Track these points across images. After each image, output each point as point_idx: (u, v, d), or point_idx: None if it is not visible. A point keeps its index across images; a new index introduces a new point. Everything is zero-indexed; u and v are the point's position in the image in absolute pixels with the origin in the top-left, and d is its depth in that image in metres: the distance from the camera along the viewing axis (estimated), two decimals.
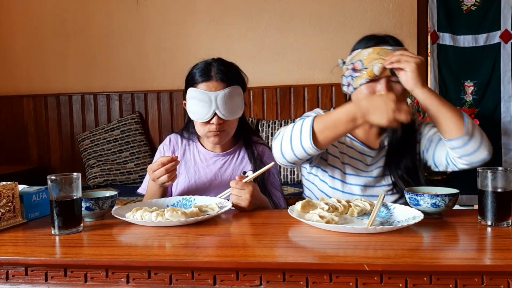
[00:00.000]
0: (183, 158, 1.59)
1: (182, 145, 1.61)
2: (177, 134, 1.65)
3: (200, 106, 1.44)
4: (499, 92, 3.05)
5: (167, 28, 3.46)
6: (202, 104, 1.44)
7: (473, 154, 1.24)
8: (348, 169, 1.45)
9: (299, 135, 1.22)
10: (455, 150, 1.26)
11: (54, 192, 1.12)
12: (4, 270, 0.99)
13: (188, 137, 1.62)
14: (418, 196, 1.18)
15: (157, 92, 3.46)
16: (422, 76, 1.23)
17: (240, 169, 1.57)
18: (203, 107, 1.44)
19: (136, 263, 0.93)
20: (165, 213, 1.18)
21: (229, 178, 1.53)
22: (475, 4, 3.05)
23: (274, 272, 0.90)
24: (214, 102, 1.43)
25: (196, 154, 1.59)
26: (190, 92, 1.48)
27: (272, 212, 1.36)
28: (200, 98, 1.44)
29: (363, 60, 1.34)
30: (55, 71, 3.61)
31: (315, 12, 3.28)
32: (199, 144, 1.60)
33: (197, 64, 1.51)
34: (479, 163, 1.26)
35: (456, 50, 3.09)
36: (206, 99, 1.43)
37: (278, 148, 1.28)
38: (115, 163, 3.25)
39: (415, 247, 0.97)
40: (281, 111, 3.36)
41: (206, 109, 1.43)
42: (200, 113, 1.45)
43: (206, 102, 1.43)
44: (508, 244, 0.98)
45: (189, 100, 1.48)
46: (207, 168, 1.57)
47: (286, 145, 1.26)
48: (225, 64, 1.50)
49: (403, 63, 1.23)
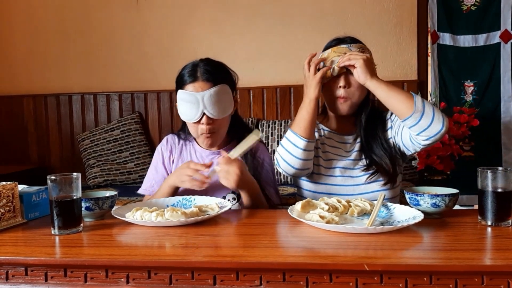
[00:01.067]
0: (180, 158, 1.62)
1: (179, 145, 1.64)
2: (174, 135, 1.68)
3: (188, 108, 1.47)
4: (499, 92, 3.05)
5: (167, 28, 3.45)
6: (190, 105, 1.46)
7: (428, 129, 1.35)
8: (330, 155, 1.56)
9: (288, 141, 1.45)
10: (412, 128, 1.38)
11: (54, 192, 1.12)
12: (4, 270, 0.99)
13: (185, 138, 1.65)
14: (418, 196, 1.18)
15: (157, 92, 3.46)
16: (370, 69, 1.40)
17: None
18: (191, 108, 1.46)
19: (136, 263, 0.93)
20: (165, 213, 1.18)
21: None
22: (475, 4, 3.05)
23: (274, 272, 0.90)
24: (201, 102, 1.45)
25: (192, 153, 1.62)
26: (179, 94, 1.51)
27: (272, 212, 1.36)
28: (188, 99, 1.47)
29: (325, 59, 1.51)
30: (55, 71, 3.60)
31: (315, 12, 3.28)
32: (195, 144, 1.63)
33: (186, 66, 1.54)
34: (438, 136, 1.37)
35: (456, 50, 3.09)
36: (193, 100, 1.46)
37: (281, 160, 1.47)
38: (115, 163, 3.25)
39: (415, 247, 0.97)
40: (281, 111, 3.36)
41: (195, 110, 1.46)
42: (189, 114, 1.48)
43: (194, 103, 1.46)
44: (508, 244, 0.98)
45: (179, 102, 1.51)
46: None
47: (284, 154, 1.46)
48: (212, 64, 1.53)
49: (352, 61, 1.41)
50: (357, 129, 1.58)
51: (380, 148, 1.52)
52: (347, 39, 1.52)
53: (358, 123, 1.57)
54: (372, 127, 1.55)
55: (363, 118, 1.55)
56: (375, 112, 1.58)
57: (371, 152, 1.52)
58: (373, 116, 1.57)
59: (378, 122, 1.57)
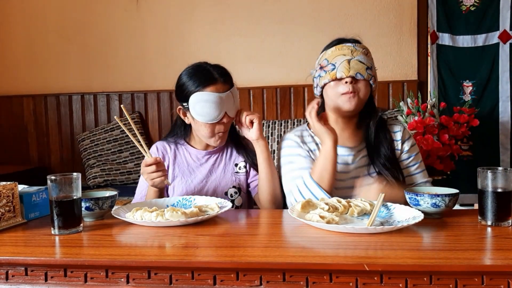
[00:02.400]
0: (175, 162, 1.62)
1: (171, 150, 1.65)
2: (163, 141, 1.68)
3: (209, 107, 1.48)
4: (497, 92, 3.08)
5: (167, 28, 3.46)
6: (212, 105, 1.48)
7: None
8: None
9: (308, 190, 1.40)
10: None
11: (54, 192, 1.12)
12: (4, 270, 0.99)
13: (175, 142, 1.65)
14: (418, 196, 1.18)
15: (157, 92, 3.46)
16: None
17: (231, 163, 1.64)
18: (214, 109, 1.48)
19: (136, 263, 0.93)
20: (165, 213, 1.18)
21: (222, 173, 1.61)
22: (474, 4, 3.06)
23: (274, 272, 0.90)
24: (224, 103, 1.49)
25: (187, 155, 1.63)
26: (196, 96, 1.49)
27: (272, 212, 1.37)
28: (209, 100, 1.48)
29: (328, 57, 1.49)
30: (55, 71, 3.61)
31: (315, 12, 3.28)
32: (188, 146, 1.65)
33: (190, 71, 1.55)
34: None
35: (455, 50, 3.11)
36: (217, 100, 1.48)
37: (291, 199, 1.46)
38: (115, 163, 3.25)
39: (415, 247, 0.97)
40: (281, 111, 3.36)
41: (218, 110, 1.49)
42: (212, 114, 1.49)
43: (217, 103, 1.48)
44: (508, 244, 0.98)
45: (197, 104, 1.49)
46: (200, 166, 1.61)
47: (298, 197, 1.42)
48: (220, 67, 1.56)
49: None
50: (359, 141, 1.54)
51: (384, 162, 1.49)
52: (350, 39, 1.51)
53: (365, 133, 1.54)
54: (377, 133, 1.53)
55: (372, 127, 1.52)
56: (382, 123, 1.56)
57: (379, 157, 1.50)
58: (380, 126, 1.54)
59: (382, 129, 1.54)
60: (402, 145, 1.55)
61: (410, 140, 1.58)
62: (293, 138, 1.56)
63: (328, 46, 1.53)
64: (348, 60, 1.44)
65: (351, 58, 1.45)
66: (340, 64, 1.44)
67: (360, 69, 1.44)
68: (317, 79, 1.53)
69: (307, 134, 1.58)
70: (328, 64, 1.47)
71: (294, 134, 1.57)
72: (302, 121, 3.16)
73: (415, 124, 2.60)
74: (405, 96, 3.13)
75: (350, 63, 1.44)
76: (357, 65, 1.44)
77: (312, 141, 1.56)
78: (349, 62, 1.44)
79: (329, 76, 1.46)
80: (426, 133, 2.59)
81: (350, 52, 1.46)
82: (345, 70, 1.43)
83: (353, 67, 1.44)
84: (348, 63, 1.44)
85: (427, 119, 2.59)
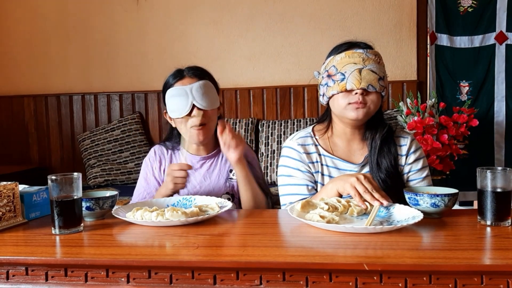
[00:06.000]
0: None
1: (168, 154, 1.65)
2: (161, 145, 1.68)
3: (178, 101, 1.50)
4: (493, 92, 3.13)
5: (167, 28, 3.46)
6: (179, 99, 1.50)
7: None
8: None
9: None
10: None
11: (54, 192, 1.12)
12: (4, 270, 0.99)
13: (172, 147, 1.66)
14: (417, 196, 1.19)
15: (157, 92, 3.46)
16: None
17: (226, 168, 1.62)
18: (181, 101, 1.50)
19: (137, 262, 0.93)
20: (165, 213, 1.18)
21: (217, 178, 1.60)
22: (472, 5, 3.08)
23: (274, 272, 0.90)
24: (190, 94, 1.50)
25: (182, 160, 1.61)
26: (167, 94, 1.54)
27: (272, 212, 1.37)
28: (177, 94, 1.51)
29: (336, 65, 1.39)
30: (56, 71, 3.61)
31: (315, 12, 3.28)
32: (184, 151, 1.64)
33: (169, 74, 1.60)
34: None
35: (452, 51, 3.15)
36: (182, 93, 1.50)
37: None
38: (115, 163, 3.25)
39: (414, 247, 0.97)
40: (281, 111, 3.36)
41: (184, 102, 1.49)
42: (180, 108, 1.50)
43: (183, 95, 1.50)
44: (508, 244, 0.98)
45: (168, 101, 1.54)
46: (195, 172, 1.60)
47: None
48: (194, 66, 1.59)
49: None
50: (364, 155, 1.47)
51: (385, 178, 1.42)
52: (361, 44, 1.41)
53: (369, 146, 1.46)
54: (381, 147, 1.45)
55: (378, 141, 1.44)
56: (389, 135, 1.46)
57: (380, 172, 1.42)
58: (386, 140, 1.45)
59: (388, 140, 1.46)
60: (407, 158, 1.48)
61: (417, 153, 1.49)
62: (296, 148, 1.47)
63: (336, 50, 1.43)
64: (359, 69, 1.34)
65: (362, 67, 1.35)
66: (350, 74, 1.34)
67: (372, 80, 1.34)
68: (324, 88, 1.43)
69: (311, 143, 1.48)
70: (337, 73, 1.37)
71: (297, 143, 1.48)
72: (302, 121, 3.17)
73: (414, 124, 2.60)
74: (405, 96, 3.13)
75: (361, 73, 1.34)
76: (369, 75, 1.34)
77: (315, 151, 1.47)
78: (360, 72, 1.34)
79: (339, 88, 1.36)
80: (426, 133, 2.59)
81: (362, 60, 1.35)
82: (355, 81, 1.34)
83: (365, 77, 1.34)
84: (359, 73, 1.34)
85: (426, 119, 2.59)
